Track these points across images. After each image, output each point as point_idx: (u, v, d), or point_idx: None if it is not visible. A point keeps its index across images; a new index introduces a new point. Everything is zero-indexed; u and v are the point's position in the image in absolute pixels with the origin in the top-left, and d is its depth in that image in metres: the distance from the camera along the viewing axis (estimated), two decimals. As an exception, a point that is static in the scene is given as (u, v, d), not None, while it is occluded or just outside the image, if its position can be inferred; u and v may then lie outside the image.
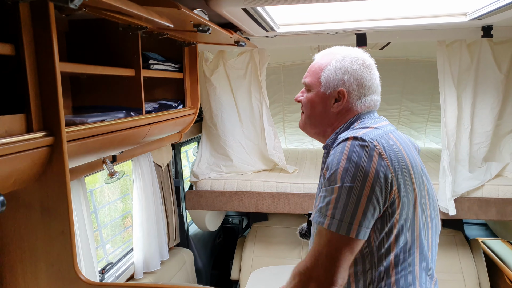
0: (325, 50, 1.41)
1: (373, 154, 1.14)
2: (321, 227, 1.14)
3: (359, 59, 1.33)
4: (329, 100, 1.34)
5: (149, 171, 2.71)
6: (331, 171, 1.16)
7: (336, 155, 1.17)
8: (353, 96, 1.32)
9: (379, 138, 1.18)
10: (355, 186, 1.12)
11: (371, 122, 1.30)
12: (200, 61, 3.26)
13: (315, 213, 1.19)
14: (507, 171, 3.22)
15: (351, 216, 1.11)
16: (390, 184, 1.15)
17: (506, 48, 3.03)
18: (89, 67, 1.64)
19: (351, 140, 1.17)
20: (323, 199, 1.16)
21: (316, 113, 1.37)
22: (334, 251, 1.13)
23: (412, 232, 1.21)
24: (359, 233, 1.12)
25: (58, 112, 1.23)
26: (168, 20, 1.52)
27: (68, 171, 1.28)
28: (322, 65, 1.35)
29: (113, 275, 2.55)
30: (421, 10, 2.32)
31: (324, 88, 1.33)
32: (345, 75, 1.31)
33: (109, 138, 1.66)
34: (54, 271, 1.31)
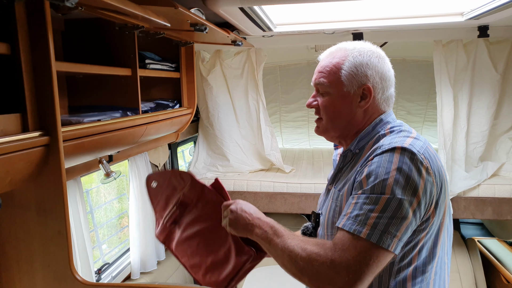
0: (331, 48, 1.33)
1: (421, 168, 1.10)
2: (354, 235, 1.06)
3: (374, 51, 1.27)
4: (355, 99, 1.26)
5: (145, 171, 2.70)
6: (378, 180, 1.09)
7: (383, 164, 1.11)
8: (378, 91, 1.27)
9: (424, 151, 1.14)
10: (405, 199, 1.06)
11: (402, 128, 1.25)
12: (196, 60, 3.25)
13: (346, 220, 1.10)
14: (503, 171, 3.24)
15: (396, 229, 1.05)
16: (431, 201, 1.12)
17: (502, 48, 3.04)
18: (85, 66, 1.63)
19: (399, 151, 1.11)
20: (362, 207, 1.09)
21: (342, 115, 1.29)
22: (368, 261, 1.04)
23: (434, 246, 1.19)
24: (397, 247, 1.07)
25: (54, 111, 1.22)
26: (165, 19, 1.51)
27: (64, 171, 1.27)
28: (339, 63, 1.26)
29: (110, 275, 2.54)
30: (418, 10, 2.33)
31: (348, 87, 1.25)
32: (367, 70, 1.24)
33: (105, 137, 1.66)
34: (51, 272, 1.31)
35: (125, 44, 1.90)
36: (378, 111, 1.29)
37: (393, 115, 1.32)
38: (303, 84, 4.53)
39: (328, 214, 1.32)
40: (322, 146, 4.81)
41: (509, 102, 3.17)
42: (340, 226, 1.11)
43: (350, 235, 1.07)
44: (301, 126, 4.84)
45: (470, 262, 3.48)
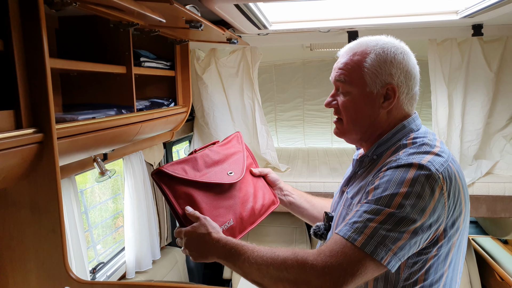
0: (351, 44, 1.23)
1: (436, 189, 1.03)
2: (347, 241, 1.02)
3: (398, 47, 1.18)
4: (378, 99, 1.17)
5: (140, 169, 2.68)
6: (386, 193, 1.04)
7: (395, 179, 1.05)
8: (402, 90, 1.18)
9: (444, 170, 1.06)
10: (409, 218, 1.01)
11: (426, 140, 1.16)
12: (191, 59, 3.24)
13: (344, 226, 1.06)
14: (497, 169, 3.25)
15: (392, 243, 1.00)
16: (440, 223, 1.06)
17: (496, 46, 3.06)
18: (80, 63, 1.62)
19: (416, 168, 1.04)
20: (361, 214, 1.04)
21: (364, 116, 1.20)
22: (355, 271, 1.00)
23: (443, 267, 1.14)
24: (391, 262, 1.01)
25: (48, 108, 1.21)
26: (160, 15, 1.50)
27: (58, 169, 1.26)
28: (360, 61, 1.17)
29: (105, 275, 2.52)
30: (413, 8, 2.33)
31: (370, 86, 1.16)
32: (392, 68, 1.15)
33: (99, 135, 1.65)
34: (45, 270, 1.29)
35: (119, 42, 1.89)
36: (401, 112, 1.21)
37: (417, 120, 1.24)
38: (298, 83, 4.54)
39: (338, 219, 1.28)
40: (317, 145, 4.82)
41: (503, 100, 3.19)
42: (336, 232, 1.06)
43: (344, 241, 1.03)
44: (296, 125, 4.85)
45: (465, 260, 3.50)
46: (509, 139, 3.25)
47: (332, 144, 4.78)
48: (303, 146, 4.89)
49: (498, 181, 3.12)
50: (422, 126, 1.24)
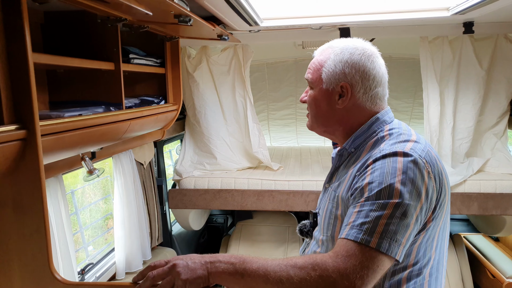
0: (324, 45, 1.32)
1: (424, 173, 1.08)
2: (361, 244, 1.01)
3: (359, 48, 1.24)
4: (333, 97, 1.25)
5: (130, 169, 2.65)
6: (384, 185, 1.05)
7: (387, 169, 1.07)
8: (358, 89, 1.24)
9: (426, 155, 1.12)
10: (411, 205, 1.04)
11: (401, 130, 1.22)
12: (182, 56, 3.21)
13: (349, 229, 1.04)
14: (488, 166, 3.26)
15: (402, 236, 1.03)
16: (432, 206, 1.11)
17: (486, 44, 3.06)
18: (66, 59, 1.58)
19: (401, 156, 1.09)
20: (368, 214, 1.04)
21: (322, 111, 1.29)
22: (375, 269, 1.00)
23: (430, 249, 1.18)
24: (402, 254, 1.04)
25: (31, 104, 1.17)
26: (146, 8, 1.47)
27: (42, 166, 1.22)
28: (322, 61, 1.27)
29: (94, 276, 2.48)
30: (405, 4, 2.33)
31: (326, 84, 1.25)
32: (345, 68, 1.23)
33: (87, 133, 1.61)
34: (29, 271, 1.25)
35: (108, 38, 1.85)
36: (363, 110, 1.26)
37: (390, 113, 1.30)
38: (291, 82, 4.52)
39: (324, 214, 1.29)
40: (310, 144, 4.80)
41: (493, 98, 3.19)
42: (343, 237, 1.04)
43: (356, 244, 1.02)
44: (289, 124, 4.83)
45: (457, 257, 3.51)
46: (500, 137, 3.26)
47: (324, 143, 4.77)
48: (295, 145, 4.88)
49: (489, 178, 3.13)
50: (395, 119, 1.30)
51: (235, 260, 1.04)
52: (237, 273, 1.03)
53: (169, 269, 1.04)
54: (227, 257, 1.06)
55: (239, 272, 1.03)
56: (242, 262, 1.04)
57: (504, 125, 3.23)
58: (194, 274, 1.03)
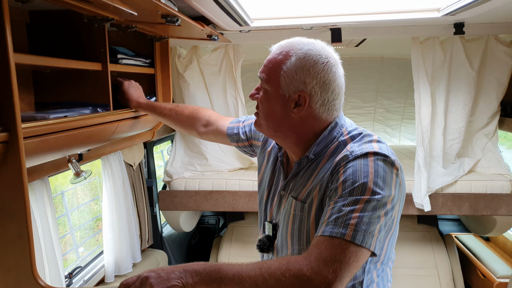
0: (283, 42, 1.25)
1: (393, 170, 1.13)
2: (336, 238, 1.02)
3: (323, 56, 1.17)
4: (289, 104, 1.19)
5: (119, 170, 2.61)
6: (357, 183, 1.08)
7: (359, 169, 1.10)
8: (316, 100, 1.18)
9: (391, 153, 1.16)
10: (382, 201, 1.08)
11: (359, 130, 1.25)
12: (172, 57, 3.18)
13: (325, 226, 1.05)
14: (479, 167, 3.27)
15: (375, 228, 1.06)
16: (399, 201, 1.16)
17: (477, 45, 3.07)
18: (52, 59, 1.54)
19: (372, 155, 1.12)
20: (341, 209, 1.06)
21: (275, 115, 1.23)
22: (352, 262, 1.02)
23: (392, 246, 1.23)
24: (376, 246, 1.07)
25: (12, 106, 1.14)
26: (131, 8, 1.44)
27: (25, 170, 1.19)
28: (281, 61, 1.19)
29: (82, 279, 2.44)
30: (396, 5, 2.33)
31: (283, 89, 1.19)
32: (306, 77, 1.16)
33: (73, 134, 1.57)
34: (11, 277, 1.22)
35: (95, 38, 1.81)
36: (318, 120, 1.22)
37: (343, 116, 1.28)
38: (283, 82, 4.50)
39: (292, 226, 1.25)
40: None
41: (484, 99, 3.20)
42: (320, 234, 1.06)
43: (331, 239, 1.03)
44: (281, 125, 4.81)
45: (448, 257, 3.52)
46: (491, 138, 3.27)
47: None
48: (287, 145, 4.86)
49: (480, 179, 3.14)
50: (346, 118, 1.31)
51: (210, 268, 1.03)
52: (213, 282, 1.01)
53: (141, 282, 1.01)
54: (201, 266, 1.04)
55: (216, 281, 1.01)
56: (218, 271, 1.02)
57: (495, 125, 3.25)
58: (168, 283, 1.00)
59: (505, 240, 3.71)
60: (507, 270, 3.28)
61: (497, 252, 3.70)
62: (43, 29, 1.78)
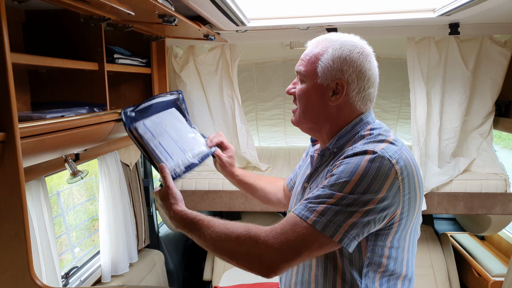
0: (319, 37, 1.30)
1: (389, 174, 1.10)
2: (302, 220, 1.10)
3: (358, 46, 1.23)
4: (327, 92, 1.23)
5: (116, 170, 2.61)
6: (339, 180, 1.10)
7: (349, 166, 1.11)
8: (352, 88, 1.22)
9: (398, 157, 1.13)
10: (359, 200, 1.08)
11: (381, 131, 1.23)
12: (169, 56, 3.18)
13: (299, 205, 1.13)
14: (474, 166, 3.29)
15: (342, 221, 1.07)
16: (394, 207, 1.12)
17: (472, 45, 3.09)
18: (47, 59, 1.54)
19: (370, 155, 1.11)
20: (316, 197, 1.12)
21: (313, 106, 1.26)
22: (306, 247, 1.09)
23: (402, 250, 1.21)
24: (343, 240, 1.08)
25: (9, 105, 1.14)
26: (128, 7, 1.44)
27: (22, 170, 1.19)
28: (319, 54, 1.23)
29: (78, 279, 2.44)
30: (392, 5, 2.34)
31: (321, 79, 1.22)
32: (343, 65, 1.21)
33: (69, 134, 1.57)
34: (7, 277, 1.22)
35: (91, 37, 1.81)
36: (353, 109, 1.26)
37: (372, 115, 1.30)
38: (279, 81, 4.51)
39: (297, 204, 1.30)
40: (298, 144, 4.80)
41: (479, 99, 3.22)
42: (292, 210, 1.14)
43: (297, 218, 1.11)
44: (278, 124, 4.81)
45: (443, 256, 3.54)
46: (485, 137, 3.30)
47: (313, 143, 4.77)
48: (284, 145, 4.87)
49: (475, 178, 3.16)
50: (376, 119, 1.32)
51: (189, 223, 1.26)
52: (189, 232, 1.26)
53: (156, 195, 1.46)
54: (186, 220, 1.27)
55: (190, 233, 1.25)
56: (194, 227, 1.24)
57: (489, 125, 3.27)
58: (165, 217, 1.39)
59: (500, 239, 3.74)
60: (502, 268, 3.31)
61: (492, 251, 3.72)
62: (39, 29, 1.77)
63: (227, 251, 1.16)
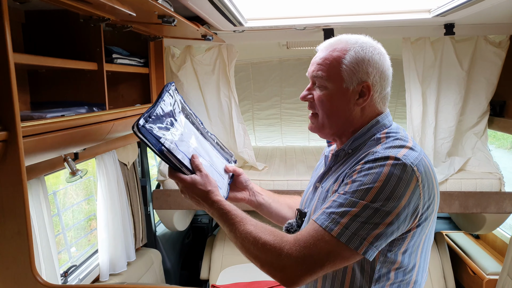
0: (330, 40, 1.26)
1: (411, 181, 1.08)
2: (326, 232, 1.07)
3: (376, 47, 1.22)
4: (353, 96, 1.20)
5: (113, 169, 2.62)
6: (362, 186, 1.08)
7: (372, 172, 1.09)
8: (376, 89, 1.21)
9: (418, 164, 1.11)
10: (383, 209, 1.06)
11: (399, 135, 1.21)
12: (166, 56, 3.19)
13: (321, 214, 1.10)
14: (469, 166, 3.32)
15: (367, 233, 1.05)
16: (415, 214, 1.11)
17: (467, 46, 3.12)
18: (48, 59, 1.55)
19: (392, 161, 1.08)
20: (338, 206, 1.09)
21: (339, 112, 1.23)
22: (330, 260, 1.06)
23: (415, 256, 1.19)
24: (368, 251, 1.06)
25: (12, 105, 1.16)
26: (130, 8, 1.46)
27: (24, 168, 1.20)
28: (340, 57, 1.19)
29: (77, 278, 2.45)
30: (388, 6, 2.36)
31: (347, 83, 1.19)
32: (369, 67, 1.18)
33: (69, 134, 1.59)
34: (10, 274, 1.23)
35: (90, 38, 1.82)
36: (374, 110, 1.25)
37: (389, 116, 1.28)
38: (275, 81, 4.53)
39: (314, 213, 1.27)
40: (294, 144, 4.83)
41: (474, 98, 3.26)
42: (314, 218, 1.11)
43: (321, 229, 1.08)
44: (274, 124, 4.84)
45: (439, 255, 3.57)
46: (480, 137, 3.33)
47: (309, 143, 4.79)
48: (280, 144, 4.89)
49: (470, 177, 3.19)
50: (393, 122, 1.29)
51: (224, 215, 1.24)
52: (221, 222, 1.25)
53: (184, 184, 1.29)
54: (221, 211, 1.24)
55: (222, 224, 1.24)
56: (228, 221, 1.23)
57: (484, 125, 3.30)
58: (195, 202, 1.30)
59: (495, 237, 3.77)
60: (497, 267, 3.34)
61: (486, 250, 3.75)
62: (38, 29, 1.78)
63: (253, 254, 1.16)
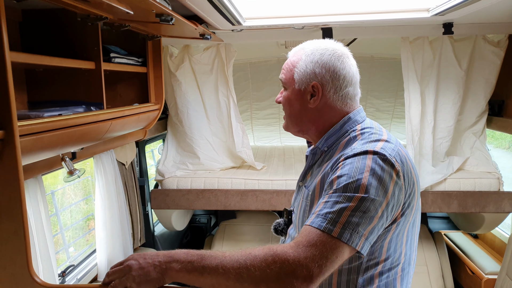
0: (297, 47, 1.36)
1: (392, 172, 1.12)
2: (323, 232, 1.05)
3: (329, 49, 1.28)
4: (305, 96, 1.29)
5: (111, 169, 2.61)
6: (351, 179, 1.09)
7: (356, 165, 1.12)
8: (328, 89, 1.27)
9: (396, 155, 1.15)
10: (377, 200, 1.08)
11: (374, 130, 1.25)
12: (164, 55, 3.18)
13: (315, 217, 1.08)
14: (468, 165, 3.33)
15: (364, 228, 1.07)
16: (399, 204, 1.14)
17: (465, 45, 3.12)
18: (45, 58, 1.55)
19: (371, 155, 1.13)
20: (333, 205, 1.08)
21: (295, 111, 1.33)
22: (336, 258, 1.04)
23: (401, 244, 1.22)
24: (364, 246, 1.07)
25: (8, 104, 1.15)
26: (127, 7, 1.45)
27: (21, 167, 1.19)
28: (294, 61, 1.31)
29: (75, 278, 2.44)
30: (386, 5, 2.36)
31: (298, 84, 1.29)
32: (316, 68, 1.26)
33: (67, 133, 1.58)
34: (7, 275, 1.22)
35: (88, 37, 1.82)
36: (335, 109, 1.30)
37: (362, 112, 1.33)
38: (274, 81, 4.52)
39: (299, 213, 1.32)
40: (293, 143, 4.82)
41: (472, 98, 3.26)
42: (308, 224, 1.09)
43: (319, 232, 1.06)
44: (272, 124, 4.84)
45: (437, 255, 3.57)
46: (479, 136, 3.33)
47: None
48: (279, 144, 4.89)
49: (468, 177, 3.19)
50: (367, 118, 1.34)
51: (192, 257, 1.04)
52: (195, 270, 1.02)
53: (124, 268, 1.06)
54: (183, 255, 1.05)
55: (198, 270, 1.02)
56: (201, 260, 1.03)
57: (483, 124, 3.30)
58: (148, 277, 1.04)
59: (493, 237, 3.77)
60: (495, 266, 3.34)
61: (485, 249, 3.76)
62: (36, 28, 1.77)
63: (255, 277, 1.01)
